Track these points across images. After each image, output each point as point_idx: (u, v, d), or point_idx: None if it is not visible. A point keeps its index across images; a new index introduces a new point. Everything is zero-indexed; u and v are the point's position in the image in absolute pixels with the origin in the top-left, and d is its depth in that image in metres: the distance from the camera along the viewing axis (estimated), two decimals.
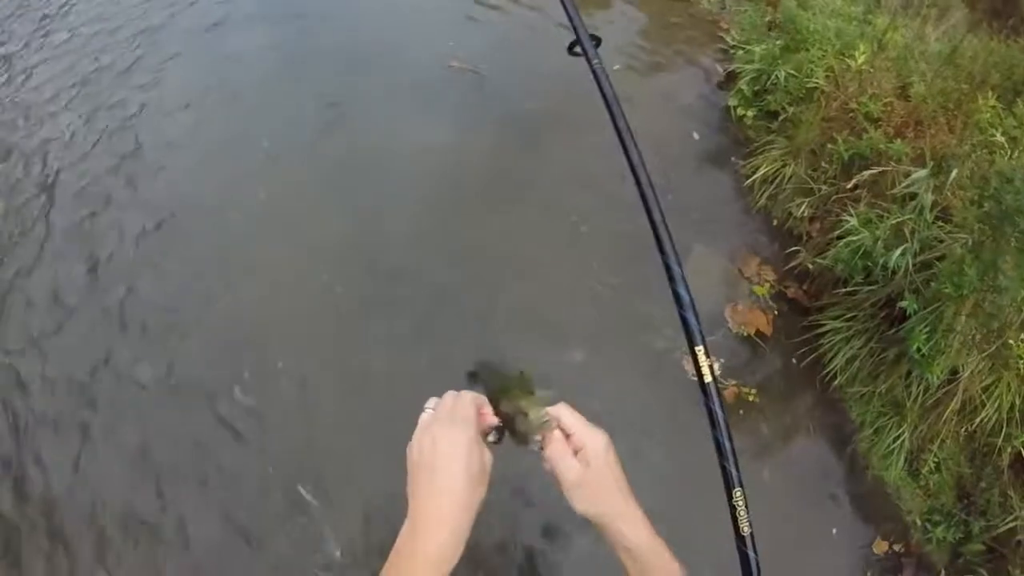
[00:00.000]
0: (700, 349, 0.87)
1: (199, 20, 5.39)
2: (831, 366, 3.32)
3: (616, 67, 5.15)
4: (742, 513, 0.77)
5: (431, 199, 4.10)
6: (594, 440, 0.93)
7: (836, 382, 3.32)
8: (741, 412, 3.32)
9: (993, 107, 3.29)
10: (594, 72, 1.10)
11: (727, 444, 0.81)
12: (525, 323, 3.55)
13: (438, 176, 4.22)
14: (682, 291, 0.90)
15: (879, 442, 3.13)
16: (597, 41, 1.18)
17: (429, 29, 5.39)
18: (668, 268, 0.91)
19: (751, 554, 0.76)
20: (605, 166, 4.01)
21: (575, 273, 3.83)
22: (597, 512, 0.92)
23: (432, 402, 1.00)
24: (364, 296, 3.65)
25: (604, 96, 1.09)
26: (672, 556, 0.90)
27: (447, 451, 0.89)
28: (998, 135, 3.12)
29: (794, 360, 3.52)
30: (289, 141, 4.45)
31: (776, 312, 3.70)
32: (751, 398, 3.34)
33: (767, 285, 3.80)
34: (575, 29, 1.17)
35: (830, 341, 3.34)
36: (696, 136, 4.76)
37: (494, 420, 0.99)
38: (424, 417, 0.97)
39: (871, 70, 3.80)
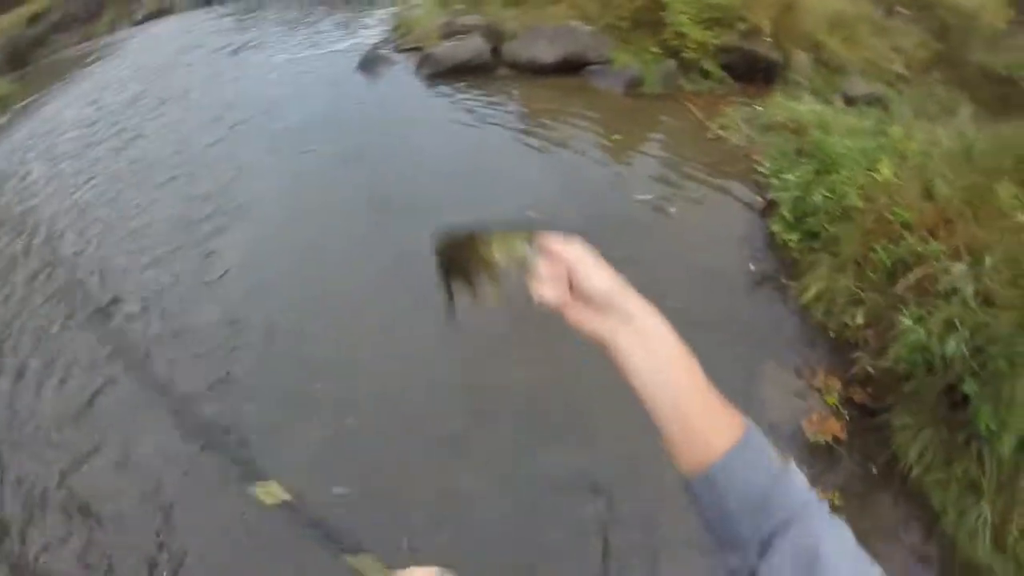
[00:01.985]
0: None
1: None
2: (906, 460, 3.36)
3: (672, 210, 5.61)
4: None
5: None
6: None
7: (913, 474, 3.33)
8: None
9: (1015, 196, 3.49)
10: None
11: None
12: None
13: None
14: None
15: (963, 523, 3.09)
16: None
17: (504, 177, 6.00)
18: None
19: None
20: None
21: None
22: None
23: None
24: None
25: None
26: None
27: None
28: (1021, 216, 3.31)
29: (870, 460, 3.54)
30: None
31: (848, 417, 3.78)
32: (835, 502, 3.37)
33: (835, 393, 3.90)
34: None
35: (901, 436, 3.40)
36: (752, 267, 5.04)
37: None
38: None
39: (897, 180, 4.09)
